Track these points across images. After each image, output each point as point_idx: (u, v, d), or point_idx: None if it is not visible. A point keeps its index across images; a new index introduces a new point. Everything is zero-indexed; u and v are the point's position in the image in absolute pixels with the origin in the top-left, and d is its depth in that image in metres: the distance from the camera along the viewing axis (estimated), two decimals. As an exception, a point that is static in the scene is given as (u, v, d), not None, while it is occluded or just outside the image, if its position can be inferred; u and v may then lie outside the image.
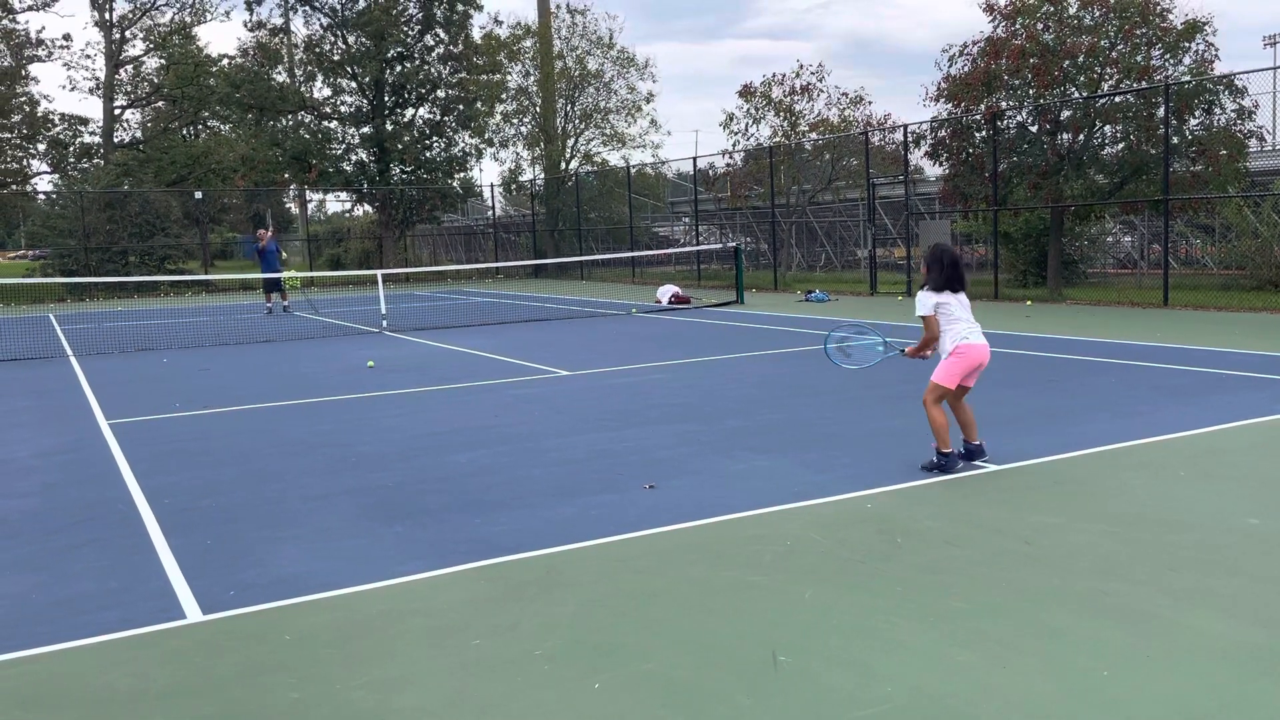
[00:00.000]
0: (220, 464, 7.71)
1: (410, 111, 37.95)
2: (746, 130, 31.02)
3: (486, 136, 39.82)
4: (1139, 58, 19.38)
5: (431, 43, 37.18)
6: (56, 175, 42.74)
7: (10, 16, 39.07)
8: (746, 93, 30.76)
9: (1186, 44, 19.14)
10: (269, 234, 23.41)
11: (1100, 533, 5.32)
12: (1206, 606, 4.30)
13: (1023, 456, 6.94)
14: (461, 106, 37.41)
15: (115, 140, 43.77)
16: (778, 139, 30.61)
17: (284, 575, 5.11)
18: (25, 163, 41.99)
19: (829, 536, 5.40)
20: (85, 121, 42.52)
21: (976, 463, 6.77)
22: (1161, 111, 18.11)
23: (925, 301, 6.58)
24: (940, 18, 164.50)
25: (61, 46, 42.21)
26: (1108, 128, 19.80)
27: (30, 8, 39.35)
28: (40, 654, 4.27)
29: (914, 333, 14.94)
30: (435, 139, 38.07)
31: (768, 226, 30.44)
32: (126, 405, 10.65)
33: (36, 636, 4.43)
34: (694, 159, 32.13)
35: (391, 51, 35.73)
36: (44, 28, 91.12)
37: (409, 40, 36.28)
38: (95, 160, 41.83)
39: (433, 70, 37.16)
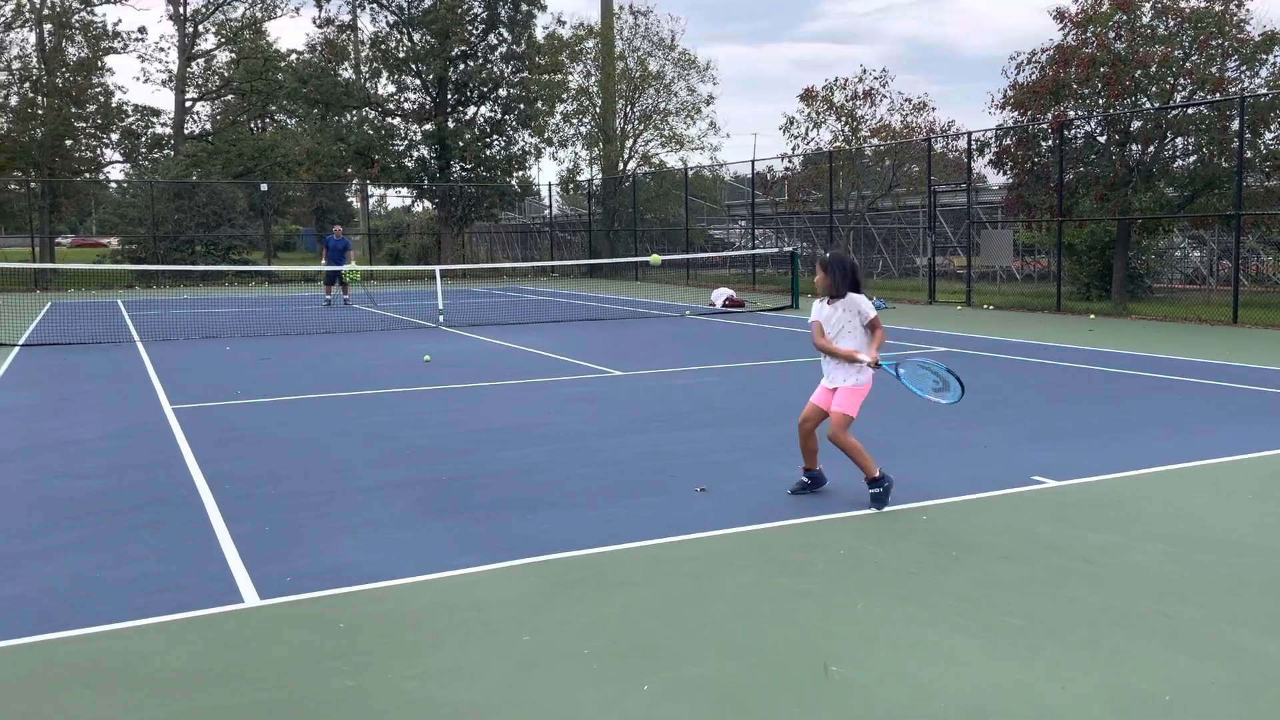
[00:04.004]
0: (279, 452, 7.85)
1: (472, 109, 38.30)
2: (806, 134, 30.83)
3: (546, 136, 40.06)
4: (1214, 69, 18.92)
5: (495, 42, 37.50)
6: (128, 165, 43.86)
7: (88, 8, 40.18)
8: (808, 96, 30.55)
9: (1264, 56, 18.67)
10: (342, 230, 24.60)
11: (1162, 554, 5.20)
12: (1271, 633, 4.18)
13: (1083, 473, 6.81)
14: (522, 105, 37.66)
15: (185, 132, 44.78)
16: (838, 144, 30.37)
17: (339, 564, 5.18)
18: (99, 152, 43.13)
19: (883, 547, 5.35)
20: (157, 113, 43.58)
21: (1034, 478, 6.65)
22: (1236, 124, 17.66)
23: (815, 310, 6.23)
24: (1003, 25, 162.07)
25: (137, 39, 43.25)
26: (1179, 140, 19.36)
27: (108, 1, 40.45)
28: (102, 632, 4.37)
29: (972, 343, 14.77)
30: (496, 137, 38.37)
31: (825, 232, 30.22)
32: (190, 391, 10.88)
33: (99, 615, 4.54)
34: (752, 162, 31.95)
35: (456, 50, 36.08)
36: (120, 20, 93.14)
37: (473, 39, 36.62)
38: (165, 151, 42.85)
39: (495, 69, 37.46)
